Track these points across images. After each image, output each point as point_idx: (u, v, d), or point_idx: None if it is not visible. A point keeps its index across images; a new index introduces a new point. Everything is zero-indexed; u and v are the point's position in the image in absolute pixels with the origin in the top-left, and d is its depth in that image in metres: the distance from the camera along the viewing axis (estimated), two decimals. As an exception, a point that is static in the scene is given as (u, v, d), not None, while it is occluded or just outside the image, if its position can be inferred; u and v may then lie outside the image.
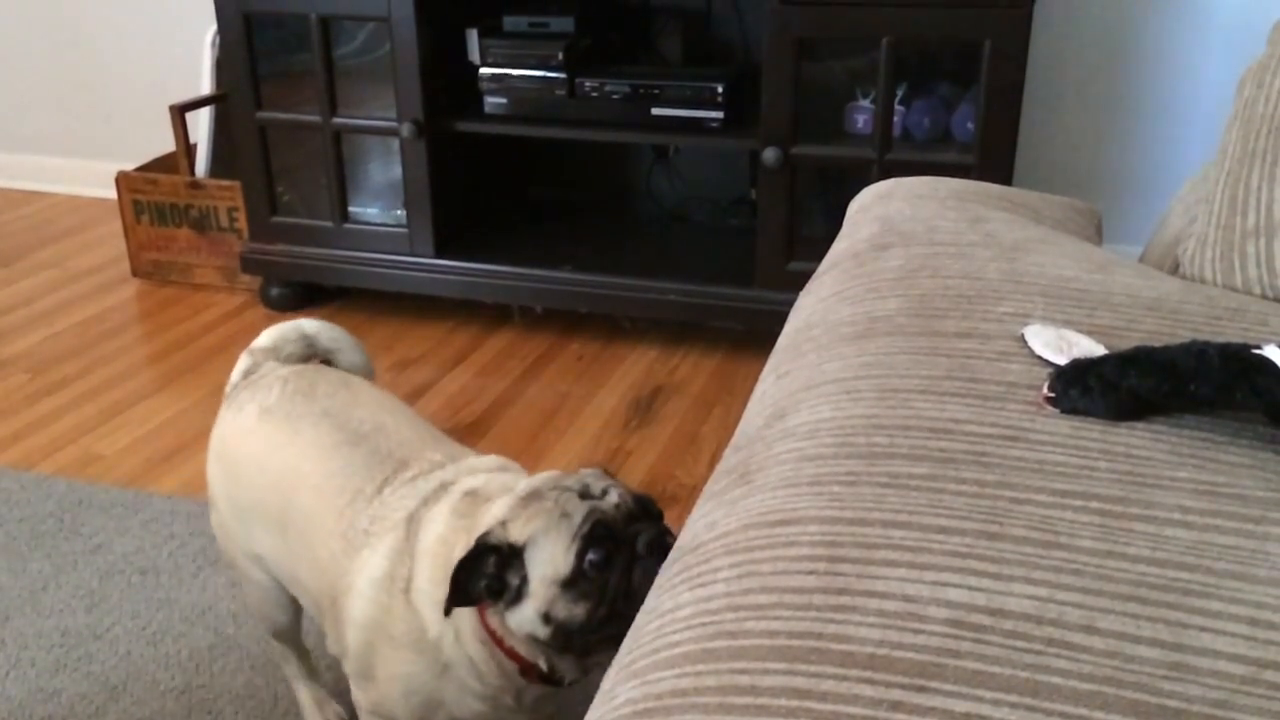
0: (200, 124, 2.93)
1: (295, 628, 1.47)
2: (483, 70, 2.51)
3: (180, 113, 2.85)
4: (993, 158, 2.21)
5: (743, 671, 0.69)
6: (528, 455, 2.12)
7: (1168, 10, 2.57)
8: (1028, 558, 0.76)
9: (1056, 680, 0.66)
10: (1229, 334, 1.07)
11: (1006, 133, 2.20)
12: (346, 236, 2.67)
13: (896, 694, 0.66)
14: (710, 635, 0.73)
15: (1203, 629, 0.70)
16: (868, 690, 0.66)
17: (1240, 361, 0.89)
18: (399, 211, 2.63)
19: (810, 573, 0.75)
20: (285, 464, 1.27)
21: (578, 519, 1.08)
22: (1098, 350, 0.99)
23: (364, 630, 1.19)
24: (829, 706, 0.65)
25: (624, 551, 1.08)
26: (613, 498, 1.11)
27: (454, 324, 2.69)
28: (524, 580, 1.08)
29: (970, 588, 0.73)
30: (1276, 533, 0.79)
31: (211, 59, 2.92)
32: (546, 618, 1.08)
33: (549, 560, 1.08)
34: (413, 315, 2.72)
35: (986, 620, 0.70)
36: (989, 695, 0.65)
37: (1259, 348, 0.90)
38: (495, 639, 1.13)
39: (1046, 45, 2.61)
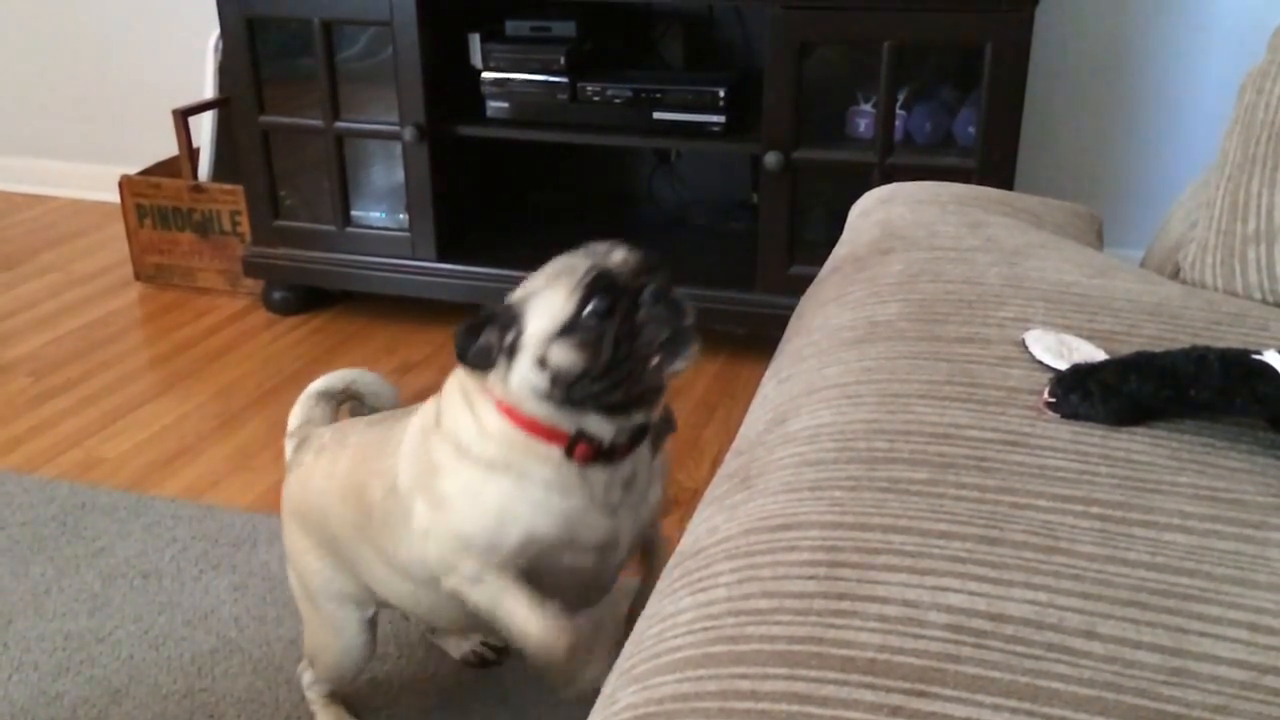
0: (203, 128, 2.94)
1: (349, 680, 1.47)
2: (485, 74, 2.52)
3: (183, 117, 2.85)
4: (994, 162, 2.21)
5: (743, 676, 0.69)
6: (529, 459, 2.11)
7: (1169, 15, 2.57)
8: (1028, 563, 0.76)
9: (1056, 685, 0.66)
10: (1229, 339, 1.07)
11: (1008, 137, 2.20)
12: (349, 240, 2.67)
13: (897, 699, 0.66)
14: (711, 640, 0.73)
15: (1202, 634, 0.71)
16: (868, 695, 0.66)
17: (1241, 367, 0.90)
18: (401, 215, 2.64)
19: (811, 578, 0.76)
20: (347, 463, 1.31)
21: (580, 271, 1.08)
22: (1098, 355, 0.99)
23: (414, 481, 1.19)
24: (829, 711, 0.65)
25: (627, 301, 1.07)
26: (618, 255, 1.11)
27: (455, 328, 2.69)
28: (520, 334, 1.09)
29: (970, 593, 0.73)
30: (1277, 538, 0.80)
31: (214, 63, 2.93)
32: (542, 362, 1.08)
33: (547, 311, 1.08)
34: (415, 319, 2.72)
35: (986, 625, 0.71)
36: (989, 700, 0.65)
37: (1259, 353, 0.90)
38: (512, 415, 1.12)
39: (1048, 49, 2.62)
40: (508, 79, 2.50)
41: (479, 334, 1.11)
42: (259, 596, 1.75)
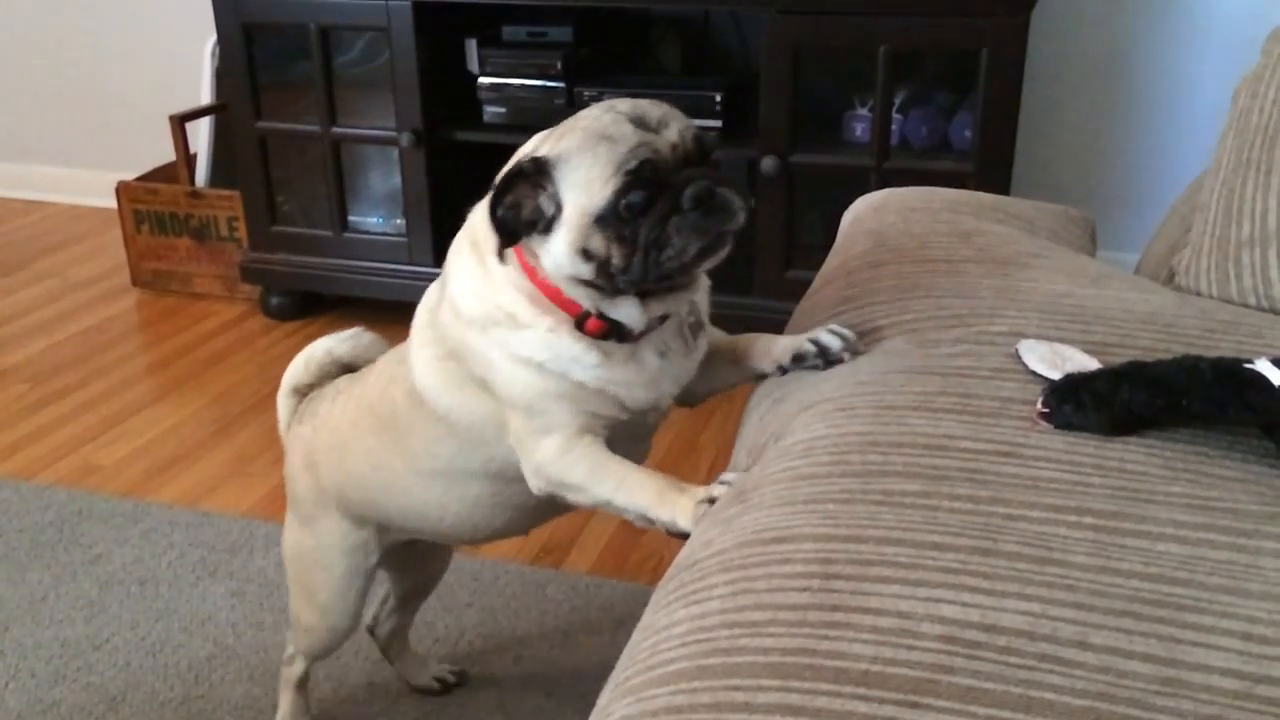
0: (200, 134, 2.94)
1: (333, 650, 1.46)
2: (481, 80, 2.52)
3: (180, 123, 2.85)
4: (990, 166, 2.21)
5: (737, 688, 0.69)
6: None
7: (1164, 20, 2.58)
8: (1021, 573, 0.76)
9: (1049, 696, 0.67)
10: (1223, 347, 1.07)
11: (1004, 141, 2.20)
12: (346, 246, 2.67)
13: (890, 710, 0.66)
14: (705, 652, 0.73)
15: (1195, 644, 0.71)
16: (861, 707, 0.66)
17: (1233, 376, 0.90)
18: (398, 220, 2.64)
19: (804, 589, 0.76)
20: (360, 391, 1.27)
21: (623, 149, 0.96)
22: (1091, 365, 0.99)
23: (436, 369, 1.13)
24: (823, 724, 0.65)
25: (667, 198, 0.97)
26: (670, 134, 0.99)
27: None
28: (559, 208, 0.99)
29: (964, 604, 0.73)
30: (1269, 547, 0.80)
31: (211, 69, 2.93)
32: (586, 254, 0.99)
33: (583, 185, 0.98)
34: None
35: (980, 636, 0.71)
36: (982, 711, 0.66)
37: (1251, 362, 0.91)
38: (533, 275, 1.04)
39: (1043, 54, 2.62)
40: (504, 84, 2.51)
41: (506, 194, 1.00)
42: (256, 603, 1.75)
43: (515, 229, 1.01)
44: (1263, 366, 0.90)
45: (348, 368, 1.39)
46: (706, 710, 0.68)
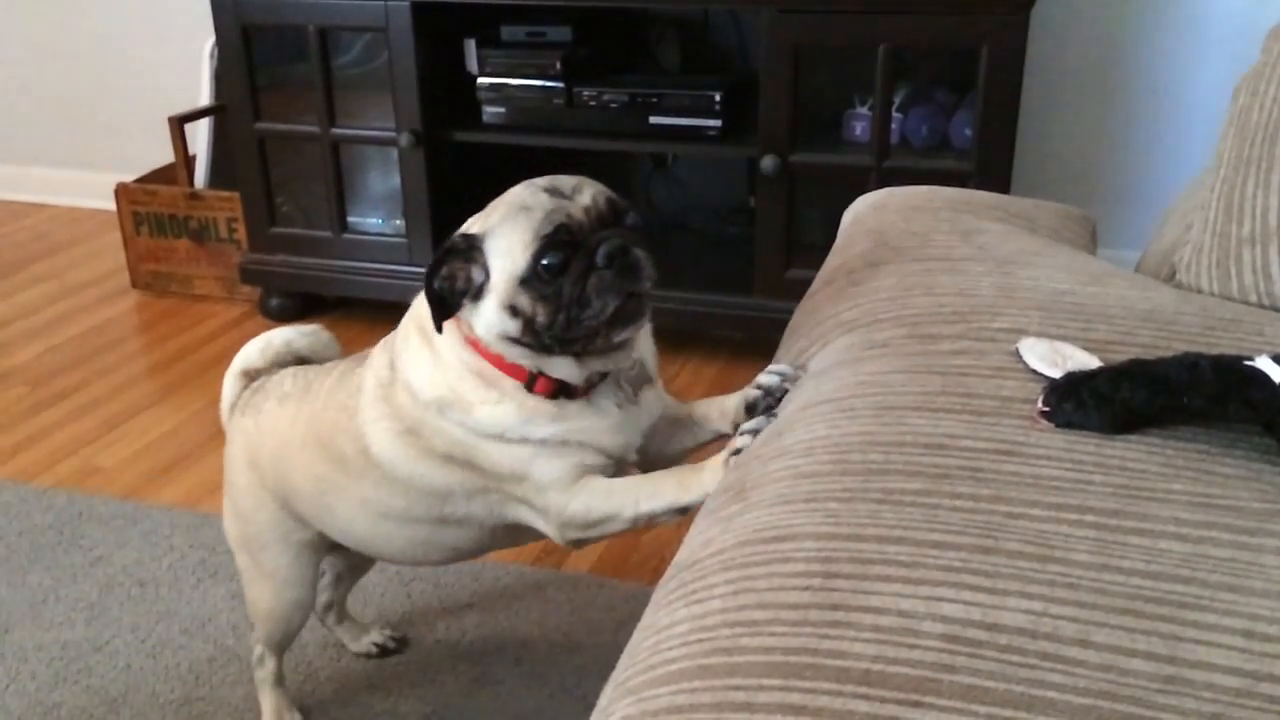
0: (199, 135, 2.94)
1: (295, 634, 1.48)
2: (481, 80, 2.52)
3: (179, 124, 2.85)
4: (990, 164, 2.21)
5: (738, 688, 0.69)
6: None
7: (1164, 17, 2.57)
8: (1022, 572, 0.76)
9: (1051, 694, 0.66)
10: (1224, 345, 1.07)
11: (1004, 139, 2.20)
12: (345, 247, 2.67)
13: (891, 709, 0.66)
14: (706, 652, 0.73)
15: (1197, 642, 0.71)
16: (863, 706, 0.66)
17: (1233, 373, 0.90)
18: (398, 221, 2.64)
19: (805, 589, 0.76)
20: (310, 413, 1.29)
21: (538, 215, 1.05)
22: (1092, 363, 0.99)
23: (393, 442, 1.18)
24: (824, 723, 0.65)
25: (583, 257, 1.04)
26: (583, 198, 1.07)
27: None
28: (487, 275, 1.08)
29: (965, 602, 0.73)
30: (1271, 544, 0.80)
31: (210, 70, 2.93)
32: (513, 310, 1.07)
33: (506, 252, 1.06)
34: (412, 325, 2.72)
35: (981, 635, 0.71)
36: (984, 710, 0.65)
37: (1251, 359, 0.90)
38: (478, 348, 1.12)
39: (1043, 52, 2.62)
40: (504, 84, 2.51)
41: (441, 268, 1.09)
42: (257, 605, 1.75)
43: (451, 299, 1.10)
44: (1263, 364, 0.89)
45: (302, 359, 1.42)
46: (708, 710, 0.68)
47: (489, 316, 1.08)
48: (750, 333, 2.45)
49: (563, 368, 1.11)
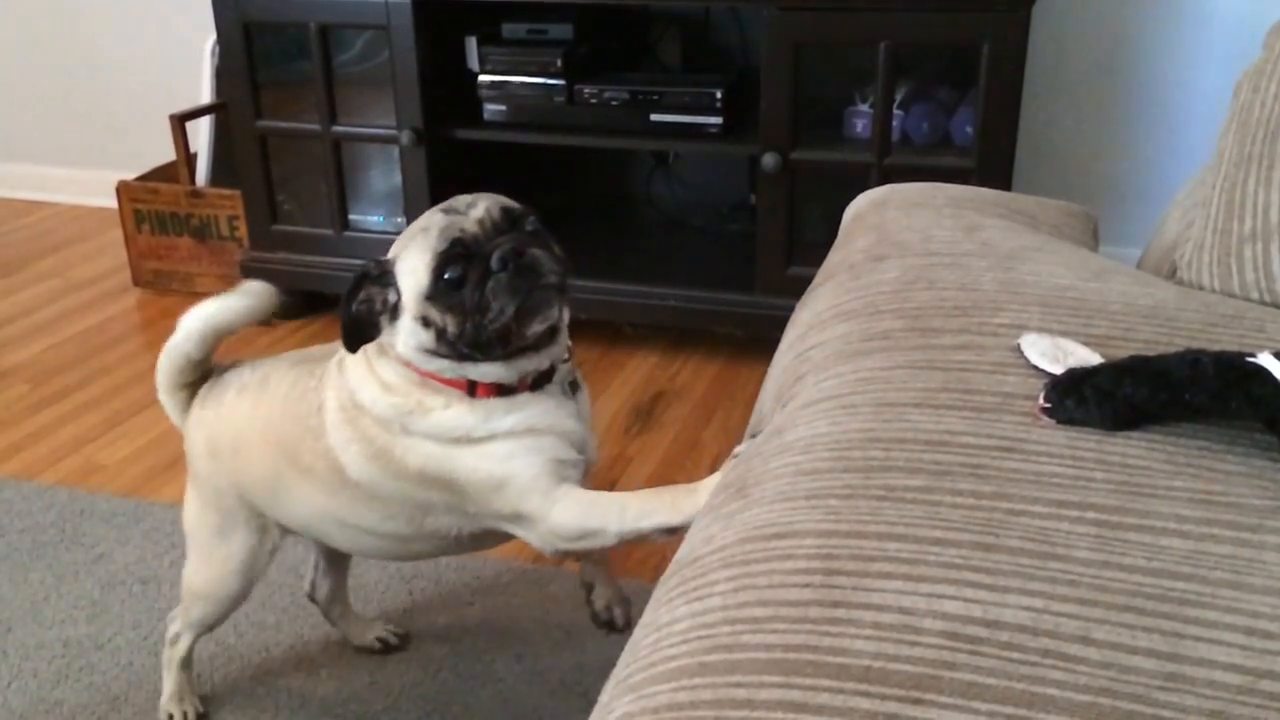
0: (200, 133, 2.94)
1: (220, 623, 1.51)
2: (482, 77, 2.52)
3: (180, 122, 2.85)
4: (992, 161, 2.21)
5: (739, 685, 0.69)
6: (528, 462, 2.12)
7: (1166, 13, 2.57)
8: (1023, 569, 0.76)
9: (1052, 692, 0.66)
10: (1226, 341, 1.07)
11: (1005, 136, 2.20)
12: (347, 244, 2.67)
13: (892, 706, 0.66)
14: (706, 649, 0.73)
15: (1199, 639, 0.70)
16: (863, 703, 0.66)
17: (1235, 370, 0.89)
18: (399, 219, 2.64)
19: (806, 586, 0.76)
20: (267, 411, 1.32)
21: (434, 233, 1.13)
22: (1094, 359, 0.99)
23: (365, 463, 1.22)
24: (824, 720, 0.65)
25: (479, 265, 1.11)
26: (477, 211, 1.14)
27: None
28: (399, 295, 1.15)
29: (966, 600, 0.73)
30: (1273, 541, 0.79)
31: (211, 68, 2.93)
32: (425, 322, 1.14)
33: (412, 271, 1.14)
34: (413, 322, 2.72)
35: (982, 632, 0.71)
36: (984, 707, 0.65)
37: (1254, 356, 0.90)
38: (415, 369, 1.18)
39: (1045, 49, 2.62)
40: (505, 82, 2.51)
41: (356, 293, 1.17)
42: (258, 602, 1.75)
43: (370, 320, 1.18)
44: (1266, 360, 0.89)
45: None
46: (708, 707, 0.68)
47: (405, 333, 1.16)
48: (751, 330, 2.45)
49: (492, 372, 1.17)
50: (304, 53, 2.55)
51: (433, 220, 1.15)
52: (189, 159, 2.90)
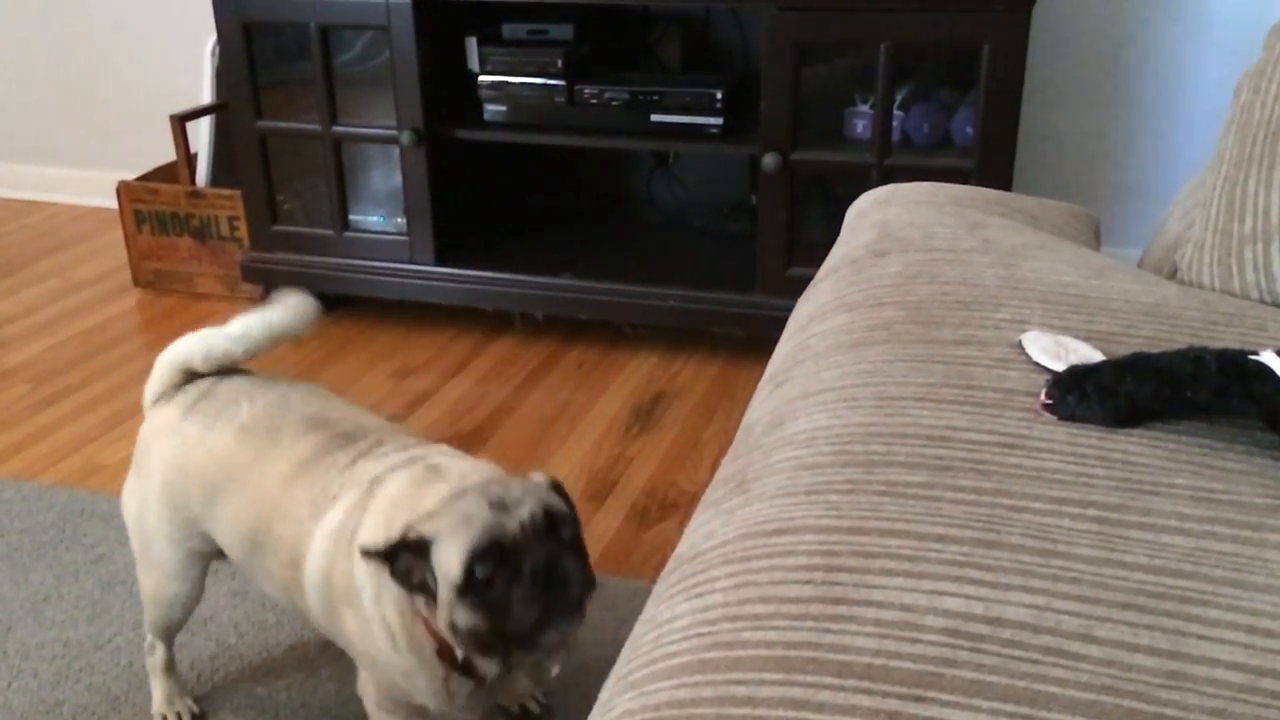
0: (201, 133, 2.94)
1: (179, 623, 1.51)
2: (482, 78, 2.52)
3: (181, 122, 2.85)
4: (992, 162, 2.21)
5: (740, 682, 0.69)
6: (529, 462, 2.12)
7: (1166, 14, 2.57)
8: (1025, 566, 0.76)
9: (1054, 689, 0.66)
10: (1227, 339, 1.07)
11: (1006, 137, 2.20)
12: (347, 245, 2.67)
13: (894, 704, 0.66)
14: (707, 646, 0.73)
15: (1200, 637, 0.70)
16: (865, 700, 0.66)
17: (1237, 368, 0.89)
18: (399, 219, 2.64)
19: (807, 582, 0.75)
20: (272, 472, 1.30)
21: (476, 528, 1.09)
22: (1095, 357, 0.99)
23: (317, 587, 1.24)
24: (826, 717, 0.65)
25: (509, 568, 1.08)
26: (522, 513, 1.10)
27: (454, 332, 2.69)
28: (435, 580, 1.12)
29: (968, 596, 0.73)
30: (1274, 539, 0.79)
31: (212, 68, 2.93)
32: (453, 627, 1.11)
33: (445, 562, 1.10)
34: (413, 323, 2.72)
35: (984, 629, 0.70)
36: (986, 705, 0.65)
37: (1256, 353, 0.90)
38: (422, 617, 1.17)
39: (1045, 49, 2.62)
40: (505, 82, 2.50)
41: (395, 564, 1.13)
42: (258, 602, 1.75)
43: (408, 588, 1.15)
44: (1267, 358, 0.89)
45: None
46: (709, 704, 0.68)
47: (441, 623, 1.13)
48: (751, 331, 2.45)
49: (489, 665, 1.17)
50: (304, 53, 2.55)
51: (479, 512, 1.10)
52: (189, 159, 2.90)
